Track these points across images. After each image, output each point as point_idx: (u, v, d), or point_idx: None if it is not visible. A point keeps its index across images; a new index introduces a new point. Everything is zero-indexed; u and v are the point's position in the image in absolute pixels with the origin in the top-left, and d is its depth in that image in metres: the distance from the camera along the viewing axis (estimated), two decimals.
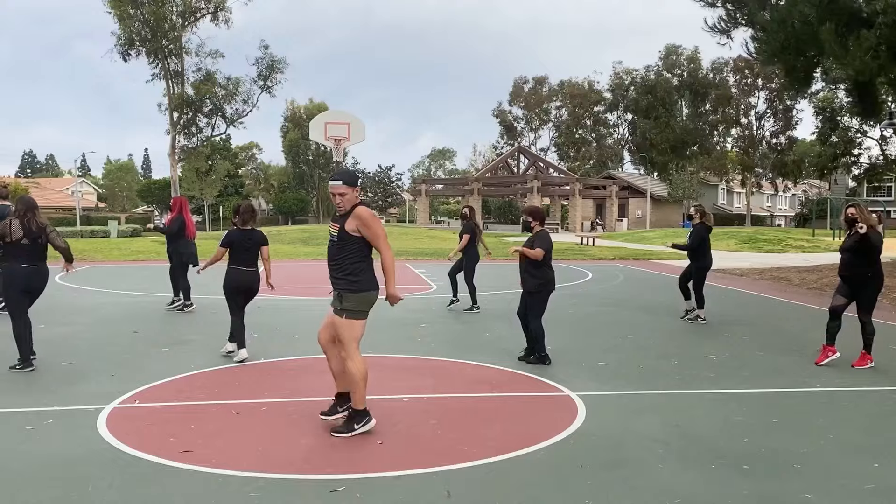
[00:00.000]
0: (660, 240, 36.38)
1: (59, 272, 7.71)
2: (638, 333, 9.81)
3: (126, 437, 5.17)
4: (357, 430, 5.23)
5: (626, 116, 76.24)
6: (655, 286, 16.46)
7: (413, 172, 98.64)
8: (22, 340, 7.22)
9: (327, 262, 5.38)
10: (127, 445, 4.98)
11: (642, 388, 6.81)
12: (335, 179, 5.30)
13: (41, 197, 69.60)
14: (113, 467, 4.60)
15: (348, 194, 5.22)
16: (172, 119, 37.70)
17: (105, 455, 4.82)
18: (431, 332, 9.70)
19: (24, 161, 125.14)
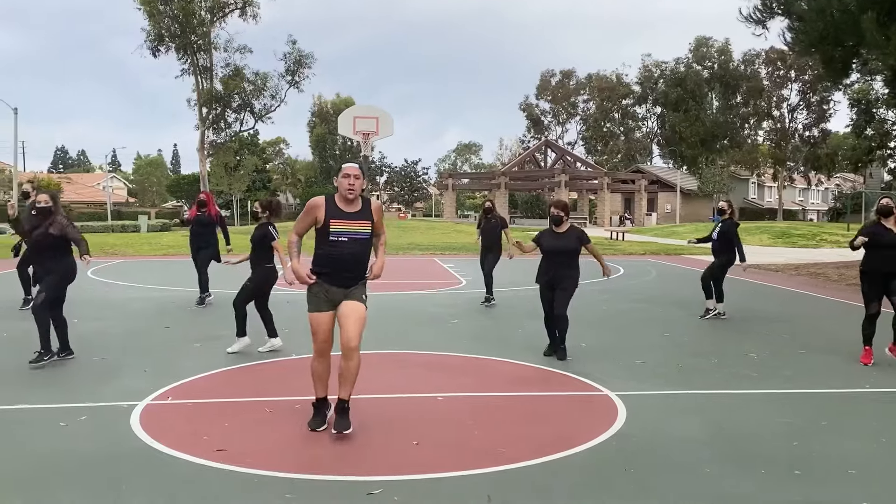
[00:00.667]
0: (690, 234, 35.89)
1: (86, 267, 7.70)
2: (674, 330, 9.60)
3: (160, 435, 5.11)
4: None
5: (654, 109, 75.40)
6: (688, 281, 16.15)
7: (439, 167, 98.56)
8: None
9: (345, 260, 5.08)
10: (161, 444, 4.92)
11: (683, 387, 6.62)
12: (353, 163, 5.23)
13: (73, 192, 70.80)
14: (148, 467, 4.53)
15: (360, 181, 5.14)
16: (201, 114, 37.92)
17: (139, 454, 4.76)
18: (463, 328, 9.57)
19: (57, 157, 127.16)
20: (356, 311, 5.11)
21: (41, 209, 7.14)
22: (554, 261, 7.63)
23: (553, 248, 7.64)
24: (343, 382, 5.13)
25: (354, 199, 5.11)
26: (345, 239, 5.07)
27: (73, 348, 7.52)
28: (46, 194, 7.33)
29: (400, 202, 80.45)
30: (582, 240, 7.69)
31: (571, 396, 6.33)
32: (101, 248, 24.24)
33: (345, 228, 5.07)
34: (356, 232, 5.11)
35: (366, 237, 5.16)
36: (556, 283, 7.62)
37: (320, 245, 5.15)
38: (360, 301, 5.15)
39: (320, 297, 5.15)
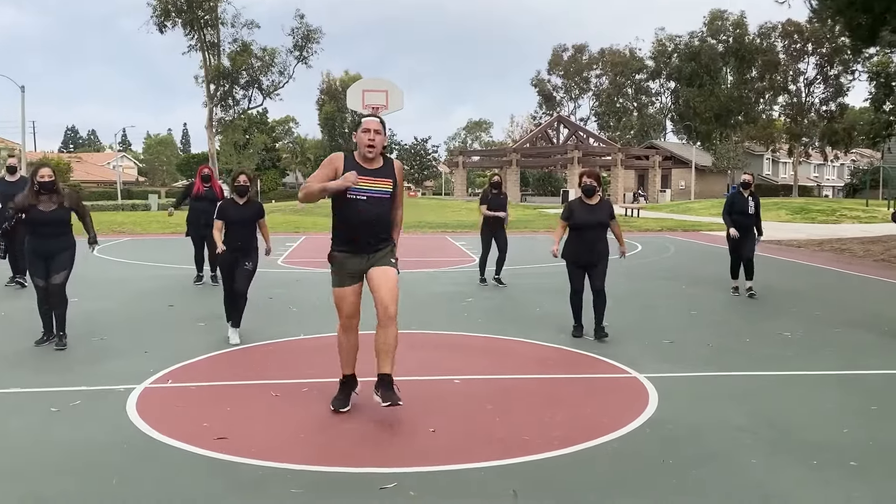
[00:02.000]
0: (706, 210, 35.29)
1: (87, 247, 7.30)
2: (700, 308, 9.16)
3: (157, 421, 4.74)
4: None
5: (668, 84, 74.15)
6: (710, 258, 15.69)
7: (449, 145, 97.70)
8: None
9: (365, 223, 4.68)
10: (158, 431, 4.56)
11: (716, 368, 6.20)
12: (373, 117, 4.78)
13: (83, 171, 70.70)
14: (141, 457, 4.17)
15: (382, 136, 4.70)
16: (209, 91, 37.47)
17: (133, 443, 4.40)
18: (478, 308, 9.16)
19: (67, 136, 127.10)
20: (388, 277, 4.73)
21: (46, 184, 6.74)
22: (586, 235, 7.15)
23: (586, 223, 7.13)
24: (382, 356, 4.74)
25: (375, 157, 4.69)
26: (364, 198, 4.63)
27: (72, 328, 7.17)
28: (48, 167, 6.93)
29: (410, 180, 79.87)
30: (612, 213, 7.26)
31: (597, 379, 5.92)
32: (109, 226, 23.96)
33: (364, 186, 4.62)
34: (377, 190, 4.69)
35: (387, 196, 4.75)
36: (589, 258, 7.18)
37: (338, 210, 4.74)
38: (390, 265, 4.78)
39: (343, 272, 4.80)
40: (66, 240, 6.96)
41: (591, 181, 7.19)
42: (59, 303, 6.96)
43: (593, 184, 7.18)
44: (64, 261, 6.95)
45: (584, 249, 7.18)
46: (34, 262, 6.89)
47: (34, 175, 6.81)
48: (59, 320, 6.96)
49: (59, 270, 6.93)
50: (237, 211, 7.25)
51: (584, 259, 7.20)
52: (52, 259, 6.88)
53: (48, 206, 6.78)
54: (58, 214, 6.88)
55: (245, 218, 7.25)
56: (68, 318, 7.01)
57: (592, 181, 7.19)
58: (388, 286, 4.70)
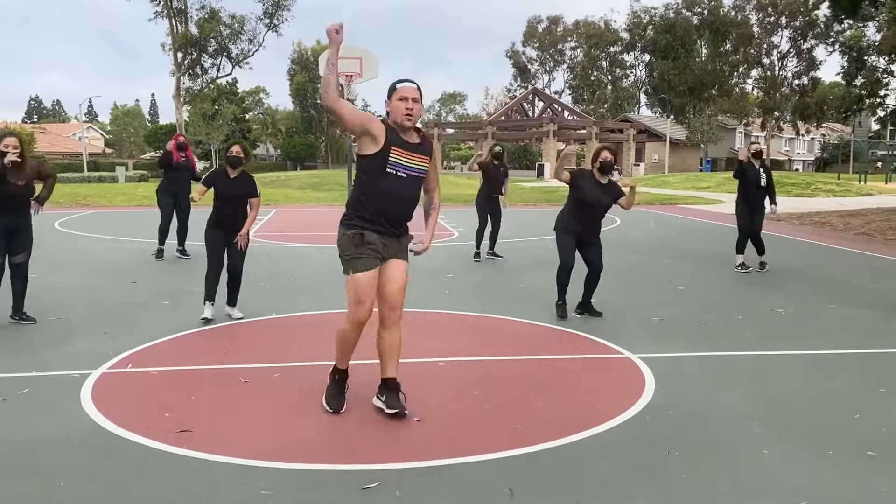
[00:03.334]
0: (681, 184, 35.19)
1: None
2: (687, 283, 8.88)
3: (113, 412, 4.31)
4: None
5: (643, 57, 73.85)
6: (691, 231, 15.48)
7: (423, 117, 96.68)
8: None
9: (400, 202, 4.09)
10: (113, 423, 4.13)
11: (710, 348, 5.90)
12: (411, 81, 4.09)
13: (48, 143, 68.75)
14: (95, 454, 3.75)
15: (420, 104, 4.07)
16: (176, 59, 36.35)
17: (87, 437, 3.97)
18: (460, 283, 8.79)
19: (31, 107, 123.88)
20: (404, 274, 4.25)
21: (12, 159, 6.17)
22: (590, 212, 6.73)
23: (595, 200, 6.66)
24: (390, 359, 4.30)
25: (410, 129, 4.09)
26: (404, 175, 4.03)
27: (27, 306, 6.68)
28: (13, 137, 6.35)
29: None
30: (617, 195, 6.72)
31: (589, 360, 5.58)
32: (73, 198, 23.15)
33: (405, 161, 4.02)
34: (416, 168, 4.08)
35: (423, 176, 4.18)
36: (587, 236, 6.80)
37: (370, 181, 4.05)
38: (406, 261, 4.30)
39: (372, 254, 4.09)
40: (26, 218, 6.48)
41: (611, 157, 6.65)
42: (23, 281, 6.53)
43: (611, 161, 6.64)
44: (26, 239, 6.48)
45: (583, 227, 6.78)
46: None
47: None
48: (19, 299, 6.51)
49: (23, 249, 6.46)
50: (229, 184, 6.69)
51: (582, 234, 6.81)
52: (15, 236, 6.38)
53: (18, 178, 6.27)
54: (29, 188, 6.40)
55: (236, 193, 6.70)
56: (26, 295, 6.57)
57: (612, 157, 6.65)
58: (402, 284, 4.24)
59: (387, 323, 4.28)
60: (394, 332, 4.29)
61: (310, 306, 7.33)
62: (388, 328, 4.29)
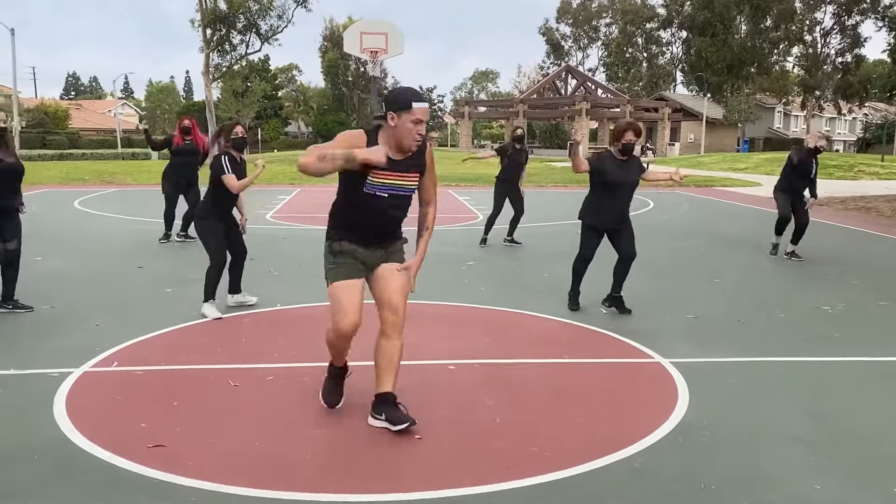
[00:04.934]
0: (717, 165, 34.15)
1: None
2: (724, 275, 8.27)
3: (84, 420, 3.91)
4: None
5: (680, 34, 71.96)
6: (728, 215, 14.75)
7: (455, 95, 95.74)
8: None
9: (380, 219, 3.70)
10: (82, 434, 3.72)
11: (752, 352, 5.33)
12: (426, 102, 3.57)
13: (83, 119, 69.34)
14: (51, 472, 3.34)
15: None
16: (205, 36, 36.05)
17: (47, 451, 3.56)
18: (480, 273, 8.28)
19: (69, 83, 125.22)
20: (400, 274, 3.78)
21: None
22: (619, 195, 6.12)
23: (621, 181, 6.06)
24: (387, 371, 3.83)
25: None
26: (384, 195, 3.62)
27: (23, 292, 6.37)
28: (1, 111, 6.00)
29: None
30: (642, 167, 6.23)
31: (614, 365, 5.05)
32: (99, 175, 23.03)
33: (386, 182, 3.59)
34: (400, 188, 3.66)
35: (409, 193, 3.72)
36: (614, 222, 6.21)
37: (348, 195, 3.70)
38: (400, 262, 3.84)
39: (351, 262, 3.73)
40: (16, 199, 6.11)
41: (634, 138, 6.03)
42: (17, 267, 6.20)
43: (633, 142, 6.04)
44: (17, 223, 6.14)
45: (612, 214, 6.18)
46: None
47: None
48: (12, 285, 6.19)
49: (15, 234, 6.11)
50: (239, 169, 6.23)
51: (610, 223, 6.23)
52: (5, 220, 6.02)
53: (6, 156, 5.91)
54: (15, 167, 6.02)
55: (242, 177, 6.26)
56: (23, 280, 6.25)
57: (634, 138, 6.03)
58: (399, 284, 3.77)
59: (387, 330, 3.80)
60: (394, 340, 3.80)
61: (319, 296, 6.86)
62: (388, 336, 3.80)
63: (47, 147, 48.41)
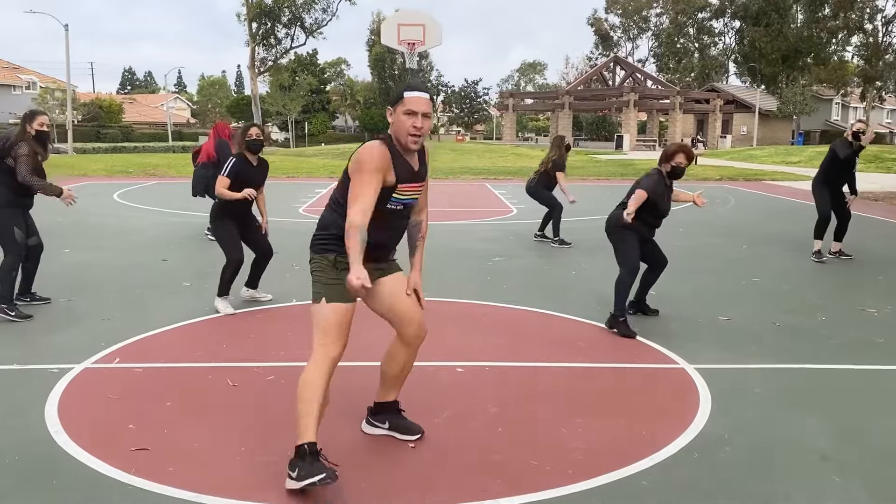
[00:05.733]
0: (769, 158, 33.15)
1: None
2: (764, 274, 7.85)
3: (74, 419, 3.80)
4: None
5: (733, 24, 70.13)
6: (775, 212, 14.17)
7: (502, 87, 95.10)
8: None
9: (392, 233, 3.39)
10: (67, 435, 3.61)
11: (785, 358, 4.97)
12: (423, 91, 3.20)
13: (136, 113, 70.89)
14: (27, 475, 3.21)
15: (430, 121, 3.22)
16: (251, 30, 36.38)
17: (30, 451, 3.45)
18: (506, 269, 8.02)
19: (125, 78, 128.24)
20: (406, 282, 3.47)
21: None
22: (658, 220, 5.81)
23: (666, 210, 5.73)
24: (397, 381, 3.61)
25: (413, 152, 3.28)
26: (401, 208, 3.31)
27: (43, 286, 6.38)
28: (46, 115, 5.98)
29: (459, 124, 78.03)
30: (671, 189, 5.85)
31: (633, 371, 4.76)
32: (143, 168, 23.36)
33: (408, 196, 3.29)
34: (414, 198, 3.36)
35: (408, 202, 3.35)
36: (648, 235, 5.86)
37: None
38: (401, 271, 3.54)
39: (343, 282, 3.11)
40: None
41: (685, 163, 5.61)
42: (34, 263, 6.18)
43: (684, 166, 5.63)
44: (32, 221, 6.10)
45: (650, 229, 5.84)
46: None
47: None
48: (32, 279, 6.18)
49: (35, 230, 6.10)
50: (251, 171, 6.06)
51: (651, 234, 5.88)
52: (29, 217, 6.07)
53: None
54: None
55: (259, 180, 6.12)
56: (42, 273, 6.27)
57: (687, 163, 5.63)
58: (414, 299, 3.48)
59: (412, 343, 3.49)
60: (412, 353, 3.53)
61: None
62: (410, 346, 3.49)
63: (101, 140, 49.60)
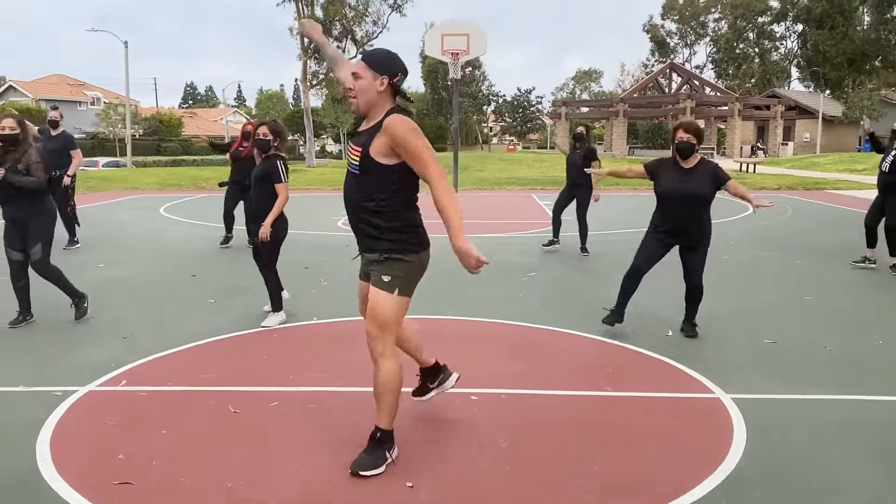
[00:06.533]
0: (833, 166, 31.85)
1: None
2: (818, 292, 7.33)
3: (64, 449, 3.65)
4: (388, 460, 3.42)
5: (795, 27, 68.17)
6: (834, 223, 13.46)
7: (556, 96, 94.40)
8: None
9: (350, 208, 3.40)
10: (53, 467, 3.45)
11: (836, 388, 4.54)
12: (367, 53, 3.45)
13: (196, 127, 72.65)
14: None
15: (365, 79, 3.26)
16: (303, 43, 36.72)
17: (11, 484, 3.30)
18: (540, 285, 7.69)
19: (186, 93, 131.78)
20: (371, 299, 3.36)
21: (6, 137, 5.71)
22: (675, 210, 5.37)
23: (675, 192, 5.34)
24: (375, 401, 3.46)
25: (362, 112, 3.35)
26: (351, 172, 3.38)
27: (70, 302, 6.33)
28: (11, 119, 5.90)
29: (512, 133, 77.66)
30: (718, 180, 5.34)
31: (663, 401, 4.39)
32: (194, 181, 23.71)
33: (350, 157, 3.37)
34: (349, 163, 3.36)
35: (356, 172, 3.29)
36: (682, 239, 5.47)
37: None
38: (377, 286, 3.34)
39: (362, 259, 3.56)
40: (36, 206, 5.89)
41: (688, 136, 5.27)
42: (49, 278, 6.08)
43: (689, 140, 5.28)
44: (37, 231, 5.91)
45: (677, 224, 5.43)
46: (9, 231, 5.95)
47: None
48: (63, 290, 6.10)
49: (34, 244, 5.90)
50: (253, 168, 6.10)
51: (679, 237, 5.47)
52: (25, 228, 5.90)
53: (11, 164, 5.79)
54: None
55: (259, 176, 6.02)
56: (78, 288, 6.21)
57: (689, 136, 5.27)
58: (369, 307, 3.37)
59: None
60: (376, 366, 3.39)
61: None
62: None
63: (161, 154, 50.90)
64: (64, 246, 9.50)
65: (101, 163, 35.16)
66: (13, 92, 57.91)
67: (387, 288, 3.32)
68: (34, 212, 5.83)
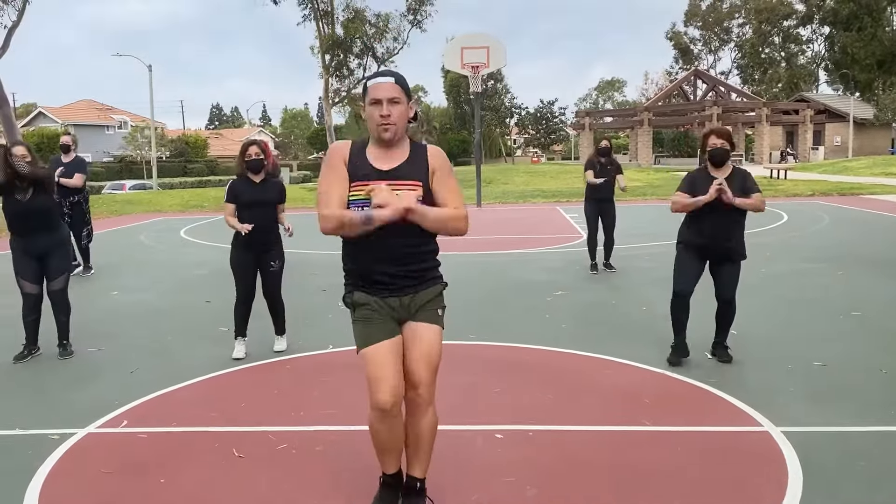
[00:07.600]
0: (867, 170, 31.05)
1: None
2: (867, 306, 6.88)
3: (54, 501, 3.37)
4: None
5: (822, 30, 67.15)
6: (875, 230, 12.90)
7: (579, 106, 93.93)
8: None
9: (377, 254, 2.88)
10: None
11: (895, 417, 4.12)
12: (386, 76, 2.88)
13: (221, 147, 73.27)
14: None
15: (402, 104, 2.84)
16: (324, 62, 36.86)
17: None
18: (567, 305, 7.31)
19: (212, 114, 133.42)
20: (426, 340, 2.94)
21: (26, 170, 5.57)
22: (714, 222, 5.00)
23: (716, 204, 4.95)
24: (412, 452, 3.09)
25: (393, 142, 2.87)
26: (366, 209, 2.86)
27: (80, 333, 6.15)
28: (22, 146, 5.77)
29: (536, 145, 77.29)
30: (748, 188, 5.00)
31: (706, 436, 4.00)
32: (217, 202, 23.63)
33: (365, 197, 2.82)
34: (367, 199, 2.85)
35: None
36: (715, 252, 5.12)
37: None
38: (433, 322, 2.97)
39: (372, 318, 2.91)
40: (56, 233, 5.80)
41: (722, 142, 4.97)
42: (63, 310, 5.88)
43: (725, 146, 4.97)
44: (60, 261, 5.81)
45: (712, 237, 5.06)
46: (22, 262, 5.76)
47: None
48: (60, 328, 5.90)
49: (58, 274, 5.78)
50: (251, 191, 5.77)
51: (713, 250, 5.12)
52: (47, 259, 5.73)
53: (23, 194, 5.60)
54: (38, 203, 5.70)
55: (259, 199, 5.74)
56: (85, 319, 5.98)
57: (723, 142, 4.97)
58: (424, 351, 2.93)
59: (408, 403, 3.01)
60: (419, 416, 3.03)
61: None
62: (409, 411, 3.03)
63: (187, 175, 51.33)
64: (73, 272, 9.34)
65: (129, 185, 35.42)
66: (43, 118, 58.88)
67: (441, 322, 3.00)
68: (54, 243, 5.70)
